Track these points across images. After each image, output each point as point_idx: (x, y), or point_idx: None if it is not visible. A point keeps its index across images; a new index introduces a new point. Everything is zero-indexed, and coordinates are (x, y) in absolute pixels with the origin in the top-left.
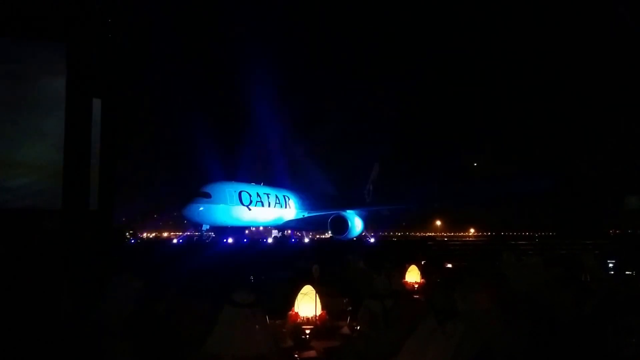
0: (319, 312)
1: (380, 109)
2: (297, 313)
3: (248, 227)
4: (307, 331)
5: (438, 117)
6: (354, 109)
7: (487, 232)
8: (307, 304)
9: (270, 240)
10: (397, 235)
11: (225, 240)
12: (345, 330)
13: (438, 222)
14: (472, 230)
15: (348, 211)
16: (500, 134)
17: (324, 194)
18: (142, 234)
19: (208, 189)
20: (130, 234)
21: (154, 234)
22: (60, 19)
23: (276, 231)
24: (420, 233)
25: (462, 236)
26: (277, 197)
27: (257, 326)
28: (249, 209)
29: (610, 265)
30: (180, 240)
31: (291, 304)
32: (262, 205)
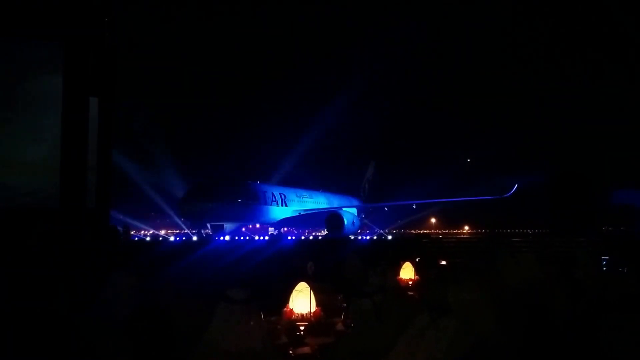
0: (313, 308)
1: (378, 108)
2: (291, 310)
3: (244, 225)
4: (302, 328)
5: (434, 116)
6: (352, 108)
7: (481, 230)
8: (302, 300)
9: (266, 237)
10: (392, 232)
11: (221, 237)
12: (340, 326)
13: (433, 220)
14: (466, 228)
15: (343, 209)
16: (494, 131)
17: (319, 191)
18: (139, 231)
19: (204, 187)
20: (126, 231)
21: (151, 232)
22: (57, 17)
23: (272, 229)
24: (415, 230)
25: (457, 233)
26: (273, 194)
27: (251, 323)
28: (246, 207)
29: (604, 262)
30: (178, 239)
31: (286, 300)
32: (259, 203)
